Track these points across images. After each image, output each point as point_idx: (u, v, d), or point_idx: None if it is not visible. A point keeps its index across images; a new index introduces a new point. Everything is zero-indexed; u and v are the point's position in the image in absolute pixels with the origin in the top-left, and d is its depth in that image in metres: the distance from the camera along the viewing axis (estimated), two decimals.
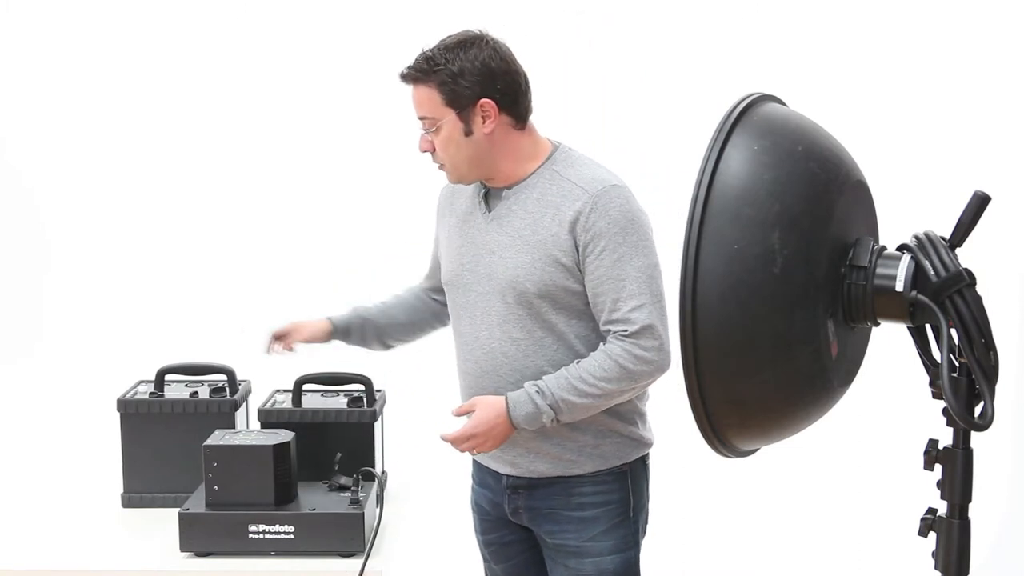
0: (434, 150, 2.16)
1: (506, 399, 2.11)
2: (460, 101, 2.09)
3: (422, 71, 2.10)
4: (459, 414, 2.16)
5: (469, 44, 2.10)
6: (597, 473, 2.18)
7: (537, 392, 2.09)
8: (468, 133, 2.11)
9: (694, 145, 1.45)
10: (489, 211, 2.19)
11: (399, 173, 3.87)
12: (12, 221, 4.22)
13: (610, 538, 2.20)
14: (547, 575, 2.31)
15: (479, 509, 2.35)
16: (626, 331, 2.06)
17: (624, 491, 2.22)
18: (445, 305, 2.40)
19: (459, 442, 2.14)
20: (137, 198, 4.16)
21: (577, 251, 2.09)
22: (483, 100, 2.09)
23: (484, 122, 2.10)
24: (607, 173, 2.15)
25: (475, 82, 2.08)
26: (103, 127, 4.14)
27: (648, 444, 2.26)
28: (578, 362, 2.11)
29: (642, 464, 2.25)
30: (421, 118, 2.14)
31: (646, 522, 2.29)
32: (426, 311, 2.47)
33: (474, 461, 2.35)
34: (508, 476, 2.24)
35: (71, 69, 4.12)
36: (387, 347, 2.50)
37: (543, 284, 2.10)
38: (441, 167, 2.19)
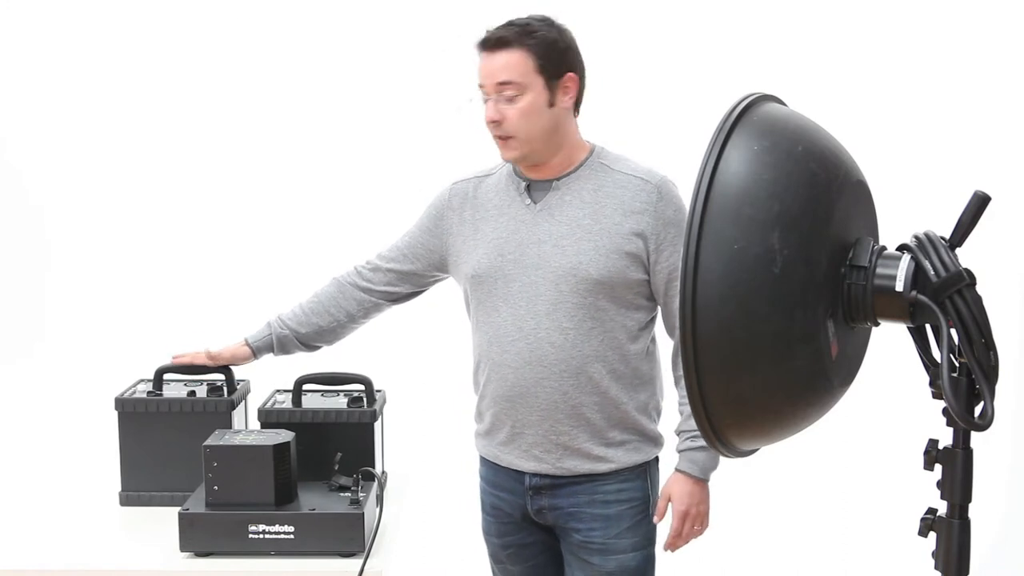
0: (503, 119, 2.13)
1: (677, 471, 2.22)
2: (552, 70, 2.13)
3: (517, 35, 2.11)
4: (661, 515, 2.24)
5: (551, 22, 2.16)
6: (620, 471, 2.21)
7: (692, 439, 2.18)
8: (551, 104, 2.14)
9: (694, 145, 1.45)
10: (535, 203, 2.19)
11: (400, 176, 3.88)
12: (12, 221, 4.22)
13: (633, 535, 2.23)
14: (563, 574, 2.32)
15: (496, 512, 2.34)
16: None
17: (644, 489, 2.25)
18: (382, 296, 2.42)
19: (682, 531, 2.23)
20: (137, 198, 4.16)
21: (645, 240, 2.14)
22: (570, 73, 2.15)
23: (564, 96, 2.15)
24: (651, 165, 2.22)
25: (567, 55, 2.15)
26: (103, 127, 4.14)
27: (662, 444, 2.30)
28: (681, 395, 2.21)
29: (656, 463, 2.30)
30: (503, 83, 2.12)
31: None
32: (352, 307, 2.45)
33: (488, 462, 2.34)
34: (531, 475, 2.24)
35: (71, 69, 4.12)
36: (312, 350, 2.51)
37: (606, 271, 2.13)
38: (506, 138, 2.15)
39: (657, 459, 2.30)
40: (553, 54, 2.12)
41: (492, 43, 2.12)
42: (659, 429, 2.28)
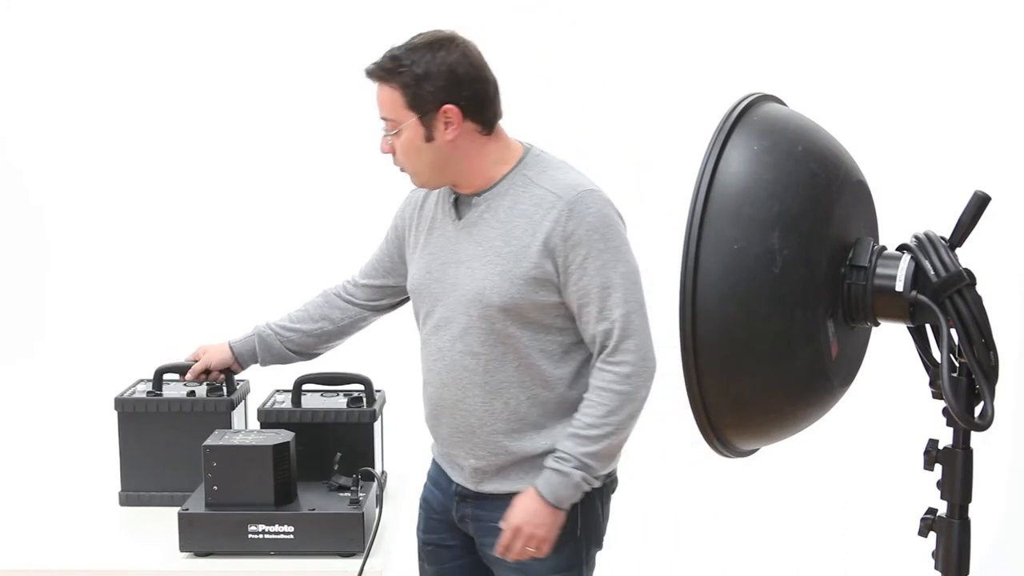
0: (395, 152, 2.07)
1: (534, 486, 2.05)
2: (423, 106, 2.00)
3: (386, 70, 2.02)
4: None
5: (438, 46, 2.02)
6: None
7: (557, 461, 2.03)
8: (429, 139, 2.02)
9: (694, 145, 1.45)
10: (459, 219, 2.11)
11: (401, 178, 3.87)
12: (12, 221, 4.22)
13: (551, 557, 2.10)
14: None
15: (427, 507, 2.30)
16: (608, 346, 2.00)
17: (572, 511, 2.09)
18: (366, 308, 2.40)
19: (510, 544, 2.07)
20: (137, 198, 4.16)
21: (554, 261, 2.01)
22: (446, 106, 1.99)
23: (446, 128, 2.01)
24: (580, 177, 2.06)
25: (439, 87, 1.99)
26: (103, 127, 4.14)
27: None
28: (577, 414, 2.04)
29: (597, 489, 2.12)
30: (383, 119, 2.06)
31: (599, 542, 2.19)
32: (340, 318, 2.41)
33: (433, 459, 2.31)
34: (457, 484, 2.20)
35: (71, 69, 4.12)
36: (310, 357, 2.46)
37: (510, 297, 2.02)
38: (403, 170, 2.11)
39: (603, 486, 2.14)
40: (422, 90, 1.99)
41: (370, 75, 2.05)
42: None
